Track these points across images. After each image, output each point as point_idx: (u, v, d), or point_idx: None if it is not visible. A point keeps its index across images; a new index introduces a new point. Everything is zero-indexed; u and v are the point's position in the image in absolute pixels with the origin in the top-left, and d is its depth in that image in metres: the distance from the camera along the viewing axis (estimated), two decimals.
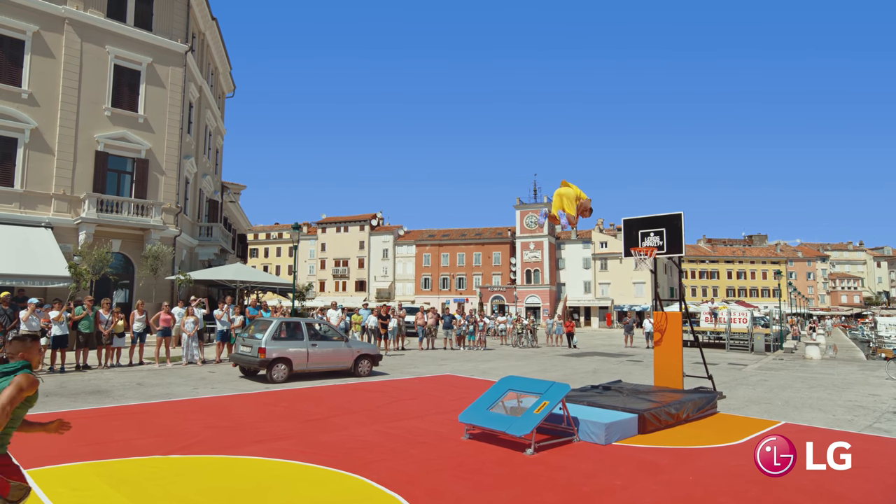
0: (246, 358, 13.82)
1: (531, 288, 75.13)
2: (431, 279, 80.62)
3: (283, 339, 13.86)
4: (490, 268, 79.38)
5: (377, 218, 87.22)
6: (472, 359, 21.32)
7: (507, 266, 78.81)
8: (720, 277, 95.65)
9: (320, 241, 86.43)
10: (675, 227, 12.07)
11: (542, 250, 75.25)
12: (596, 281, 77.27)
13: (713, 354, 25.72)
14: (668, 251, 12.10)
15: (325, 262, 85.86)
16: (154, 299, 24.99)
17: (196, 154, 31.66)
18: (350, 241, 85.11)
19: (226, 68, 39.02)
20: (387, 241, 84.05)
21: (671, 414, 9.62)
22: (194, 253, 31.42)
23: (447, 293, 79.96)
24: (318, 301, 71.87)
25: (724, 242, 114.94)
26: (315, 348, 13.96)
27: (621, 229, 10.93)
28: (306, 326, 14.27)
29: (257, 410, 10.38)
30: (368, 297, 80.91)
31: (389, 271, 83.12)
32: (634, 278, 76.99)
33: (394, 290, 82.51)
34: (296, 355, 13.67)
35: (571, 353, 25.37)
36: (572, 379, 15.59)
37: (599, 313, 76.89)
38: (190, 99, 30.17)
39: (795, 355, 27.12)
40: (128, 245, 25.68)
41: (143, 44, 26.95)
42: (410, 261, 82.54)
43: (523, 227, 76.47)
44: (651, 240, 12.28)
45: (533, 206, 76.44)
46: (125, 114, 26.25)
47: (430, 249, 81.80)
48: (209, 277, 24.56)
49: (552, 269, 76.64)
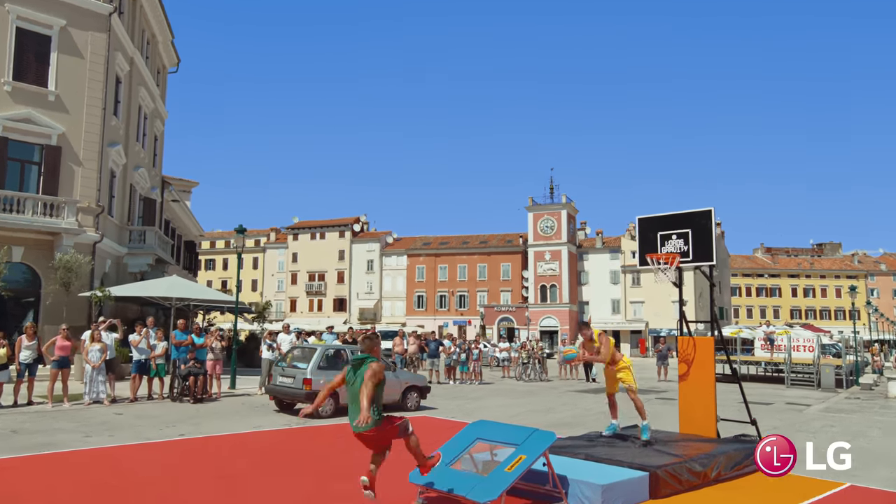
0: (288, 390, 14.81)
1: (547, 307, 75.35)
2: (426, 297, 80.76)
3: (327, 369, 14.86)
4: (497, 283, 79.38)
5: (361, 222, 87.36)
6: (460, 395, 21.04)
7: (519, 280, 78.91)
8: (782, 295, 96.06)
9: (291, 251, 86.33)
10: (703, 229, 11.87)
11: (559, 261, 75.16)
12: (626, 299, 76.98)
13: (768, 391, 25.33)
14: (695, 258, 11.89)
15: (296, 276, 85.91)
16: (65, 321, 24.24)
17: (125, 141, 31.13)
18: (328, 250, 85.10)
19: (166, 37, 38.60)
20: (372, 251, 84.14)
21: (696, 472, 8.93)
22: (122, 263, 30.88)
23: (445, 314, 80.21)
24: (291, 324, 70.45)
25: (788, 252, 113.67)
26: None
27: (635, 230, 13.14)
28: (350, 355, 14.74)
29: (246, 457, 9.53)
30: (349, 319, 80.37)
31: (375, 287, 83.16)
32: (674, 295, 76.10)
33: (380, 309, 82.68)
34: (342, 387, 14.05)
35: (588, 388, 25.21)
36: (581, 422, 15.06)
37: (631, 339, 76.57)
38: (117, 72, 29.68)
39: (875, 393, 26.72)
40: (32, 253, 25.09)
41: (53, 2, 26.40)
42: (401, 274, 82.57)
43: (537, 232, 76.48)
44: (673, 244, 12.10)
45: (549, 207, 76.60)
46: (31, 89, 25.78)
47: (425, 261, 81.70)
48: (135, 294, 23.83)
49: (573, 284, 76.72)
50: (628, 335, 76.73)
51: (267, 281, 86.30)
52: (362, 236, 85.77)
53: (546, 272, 75.97)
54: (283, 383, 15.15)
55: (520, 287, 78.34)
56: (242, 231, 21.72)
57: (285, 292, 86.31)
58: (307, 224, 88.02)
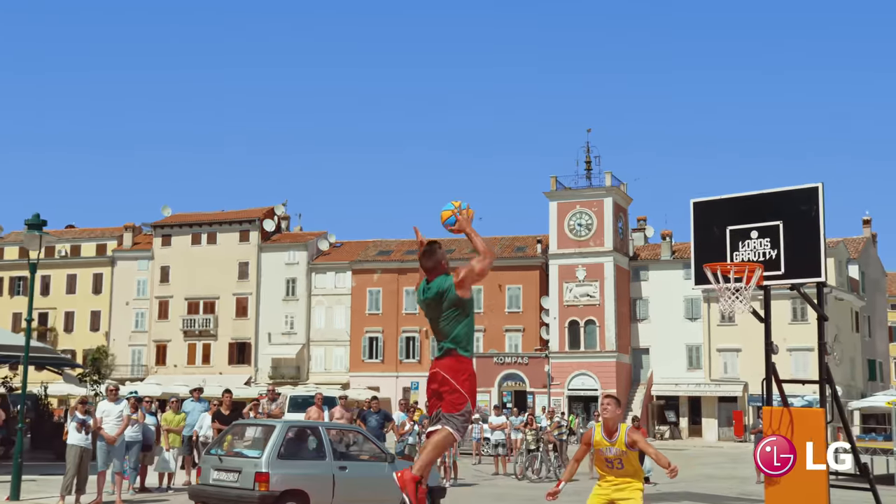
0: (229, 492, 13.64)
1: (580, 357, 65.29)
2: (383, 340, 71.82)
3: (293, 458, 13.95)
4: (500, 316, 69.66)
5: (276, 217, 76.98)
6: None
7: (535, 312, 68.96)
8: None
9: (159, 263, 75.65)
10: (805, 221, 11.16)
11: (601, 281, 66.35)
12: (711, 344, 66.60)
13: None
14: (789, 272, 11.27)
15: (167, 306, 75.10)
16: None
17: None
18: (220, 262, 74.57)
19: None
20: (295, 263, 73.95)
21: None
22: None
23: (414, 368, 69.38)
24: (152, 384, 59.78)
25: None
26: (345, 474, 14.12)
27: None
28: (328, 436, 14.45)
29: None
30: (256, 376, 70.27)
31: (299, 324, 73.20)
32: (793, 340, 62.57)
33: (306, 361, 72.62)
34: (315, 486, 13.80)
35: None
36: None
37: (720, 410, 65.89)
38: None
39: None
40: None
41: None
42: (341, 302, 72.79)
43: (564, 234, 67.50)
44: (752, 247, 11.53)
45: (584, 192, 67.64)
46: None
47: (382, 280, 71.98)
48: None
49: (623, 319, 67.14)
50: (714, 404, 64.34)
51: (117, 313, 74.65)
52: (279, 240, 75.51)
53: (579, 299, 65.51)
54: (220, 482, 13.70)
55: (536, 323, 67.95)
56: (38, 224, 18.59)
57: (148, 332, 74.49)
58: (186, 219, 77.03)
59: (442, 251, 6.38)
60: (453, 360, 6.14)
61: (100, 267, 75.69)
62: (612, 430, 8.25)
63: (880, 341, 71.57)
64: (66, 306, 76.46)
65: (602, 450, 8.20)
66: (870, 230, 72.01)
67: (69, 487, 16.11)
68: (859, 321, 66.14)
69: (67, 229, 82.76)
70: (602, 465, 8.36)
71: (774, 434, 8.24)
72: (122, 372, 67.27)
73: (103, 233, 79.47)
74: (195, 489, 14.36)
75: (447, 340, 6.14)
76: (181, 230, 75.69)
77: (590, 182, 67.07)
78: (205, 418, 18.95)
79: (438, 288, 6.15)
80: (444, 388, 6.17)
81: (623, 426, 8.32)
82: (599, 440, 8.32)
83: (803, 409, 11.06)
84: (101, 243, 77.78)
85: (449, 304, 6.15)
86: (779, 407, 10.95)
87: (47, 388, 34.83)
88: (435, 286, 6.18)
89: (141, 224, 78.76)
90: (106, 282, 75.71)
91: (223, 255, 74.42)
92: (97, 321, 74.38)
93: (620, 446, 8.14)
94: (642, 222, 72.79)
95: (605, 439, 8.27)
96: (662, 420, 63.91)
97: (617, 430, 8.19)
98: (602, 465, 8.36)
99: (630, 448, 8.13)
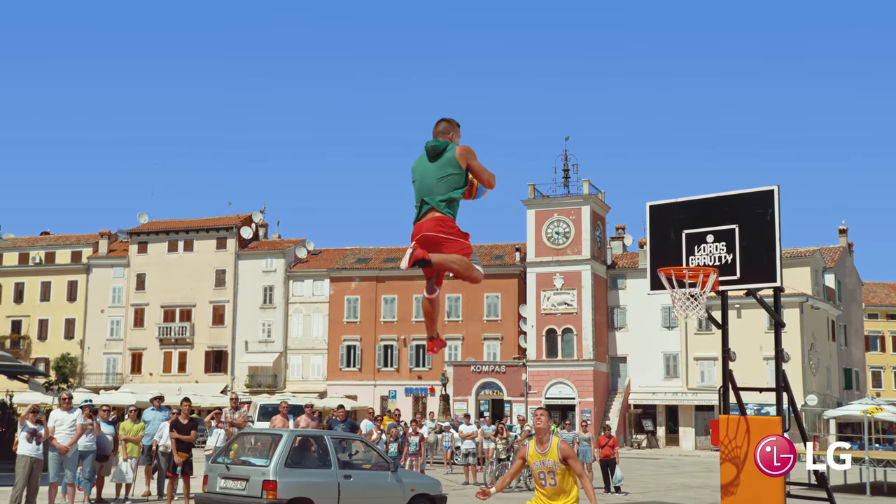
0: (236, 500, 13.79)
1: (557, 365, 65.43)
2: (361, 348, 71.68)
3: (299, 466, 14.06)
4: (479, 324, 69.94)
5: (254, 224, 76.65)
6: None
7: (514, 321, 69.03)
8: None
9: (134, 270, 75.31)
10: (761, 225, 10.80)
11: (578, 290, 66.31)
12: (689, 353, 66.60)
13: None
14: (745, 276, 10.97)
15: (143, 313, 74.63)
16: None
17: None
18: (197, 269, 74.41)
19: None
20: (272, 271, 73.65)
21: None
22: None
23: (392, 376, 70.03)
24: (127, 393, 59.72)
25: None
26: (350, 482, 14.27)
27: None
28: (333, 444, 14.63)
29: None
30: (233, 384, 69.83)
31: (276, 331, 72.82)
32: (768, 348, 63.70)
33: (284, 369, 72.38)
34: (321, 494, 13.94)
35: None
36: None
37: (697, 419, 66.18)
38: None
39: None
40: None
41: None
42: (319, 310, 72.61)
43: (542, 242, 67.50)
44: (708, 251, 11.23)
45: (562, 200, 67.61)
46: None
47: (361, 288, 72.03)
48: None
49: (600, 327, 67.17)
50: (692, 413, 64.19)
51: (92, 321, 73.60)
52: (256, 247, 74.94)
53: (557, 308, 65.39)
54: (227, 490, 13.92)
55: (515, 332, 67.95)
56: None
57: (123, 340, 73.69)
58: (163, 226, 76.65)
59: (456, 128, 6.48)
60: (442, 215, 6.04)
61: (75, 274, 74.93)
62: (543, 441, 8.29)
63: (856, 350, 71.49)
64: (40, 314, 75.80)
65: (534, 463, 8.21)
66: (846, 239, 72.01)
67: (18, 499, 15.72)
68: (835, 330, 66.12)
69: (42, 236, 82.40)
70: (536, 479, 8.36)
71: (775, 435, 8.14)
72: (96, 380, 66.57)
73: (78, 240, 78.67)
74: (202, 497, 14.47)
75: (436, 200, 6.06)
76: (157, 237, 75.22)
77: (567, 190, 66.86)
78: (165, 427, 18.49)
79: (445, 142, 6.27)
80: (445, 232, 6.02)
81: (555, 439, 8.33)
82: (533, 453, 8.33)
83: (759, 418, 10.96)
84: (76, 250, 77.15)
85: (447, 163, 6.16)
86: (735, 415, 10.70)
87: (13, 397, 34.22)
88: (442, 140, 6.32)
89: (117, 231, 78.23)
90: (81, 289, 75.13)
91: (200, 262, 74.02)
92: (72, 329, 73.63)
93: (553, 457, 8.11)
94: (621, 231, 72.56)
95: (537, 452, 8.28)
96: (640, 429, 64.03)
97: (549, 441, 8.22)
98: (536, 479, 8.36)
99: (563, 462, 8.13)
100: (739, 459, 10.12)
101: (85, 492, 16.35)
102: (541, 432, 8.28)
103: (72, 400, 17.18)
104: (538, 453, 8.20)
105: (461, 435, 30.36)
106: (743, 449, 10.24)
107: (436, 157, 6.26)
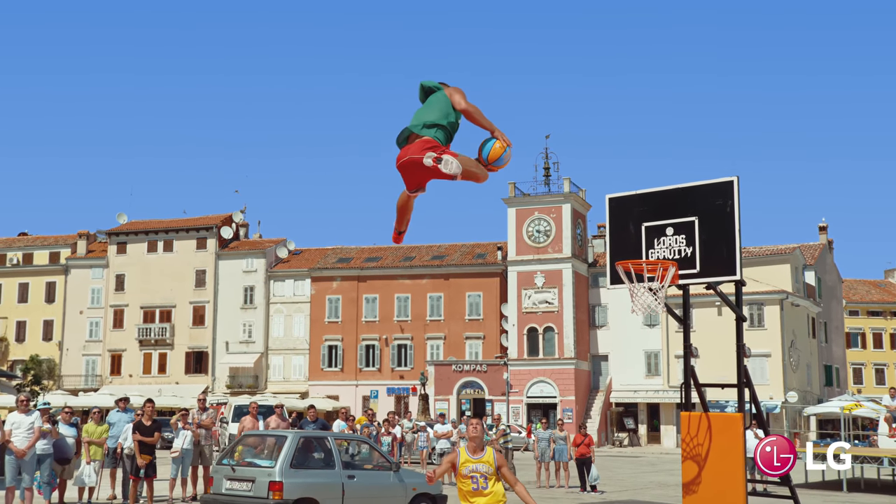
0: (242, 501, 13.95)
1: (538, 364, 65.47)
2: (342, 348, 71.71)
3: (304, 467, 14.28)
4: (461, 323, 69.86)
5: (235, 224, 76.21)
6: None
7: (496, 320, 69.21)
8: None
9: (114, 271, 74.98)
10: (721, 217, 10.71)
11: (560, 288, 66.38)
12: (670, 350, 65.93)
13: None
14: (705, 270, 10.84)
15: (122, 315, 74.30)
16: None
17: None
18: (177, 269, 74.24)
19: None
20: (253, 271, 73.42)
21: None
22: None
23: (374, 376, 70.03)
24: (106, 394, 57.88)
25: None
26: (353, 482, 14.51)
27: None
28: (336, 446, 14.95)
29: None
30: (213, 385, 69.93)
31: (257, 332, 72.62)
32: (750, 345, 60.94)
33: (265, 369, 72.22)
34: (326, 495, 14.20)
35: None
36: None
37: (678, 417, 65.74)
38: None
39: None
40: None
41: None
42: (301, 310, 72.51)
43: (523, 240, 67.43)
44: (668, 244, 11.00)
45: (543, 198, 67.53)
46: None
47: (342, 287, 71.92)
48: None
49: (582, 326, 67.25)
50: (673, 411, 62.76)
51: (70, 323, 73.18)
52: (237, 247, 74.70)
53: (538, 306, 65.52)
54: (234, 491, 14.10)
55: (497, 330, 68.27)
56: None
57: (103, 341, 73.28)
58: (142, 226, 76.26)
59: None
60: (427, 138, 5.96)
61: (53, 275, 74.44)
62: (477, 449, 8.59)
63: (837, 347, 71.65)
64: (17, 315, 75.36)
65: (466, 468, 8.43)
66: (826, 237, 72.26)
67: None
68: (816, 327, 66.57)
69: (20, 237, 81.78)
70: (465, 481, 8.55)
71: (775, 435, 7.80)
72: (75, 382, 65.70)
73: (57, 240, 78.11)
74: (207, 499, 14.78)
75: (419, 127, 6.01)
76: (137, 237, 74.78)
77: (548, 188, 66.64)
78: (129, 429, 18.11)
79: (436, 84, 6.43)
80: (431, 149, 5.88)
81: (490, 449, 8.62)
82: (465, 459, 8.55)
83: (720, 415, 10.72)
84: (54, 251, 76.63)
85: (435, 99, 6.21)
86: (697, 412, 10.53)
87: None
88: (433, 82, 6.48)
89: (96, 231, 77.75)
90: (59, 290, 74.58)
91: (180, 262, 73.70)
92: (50, 331, 72.97)
93: (488, 463, 8.36)
94: (602, 229, 69.39)
95: (470, 457, 8.54)
96: (621, 427, 64.31)
97: (483, 450, 8.55)
98: (465, 481, 8.55)
99: (498, 469, 8.38)
100: (701, 457, 9.90)
101: (45, 496, 15.88)
102: (475, 440, 8.60)
103: (29, 402, 16.82)
104: (471, 458, 8.49)
105: (436, 434, 30.47)
106: (705, 446, 10.01)
107: (426, 97, 6.47)
